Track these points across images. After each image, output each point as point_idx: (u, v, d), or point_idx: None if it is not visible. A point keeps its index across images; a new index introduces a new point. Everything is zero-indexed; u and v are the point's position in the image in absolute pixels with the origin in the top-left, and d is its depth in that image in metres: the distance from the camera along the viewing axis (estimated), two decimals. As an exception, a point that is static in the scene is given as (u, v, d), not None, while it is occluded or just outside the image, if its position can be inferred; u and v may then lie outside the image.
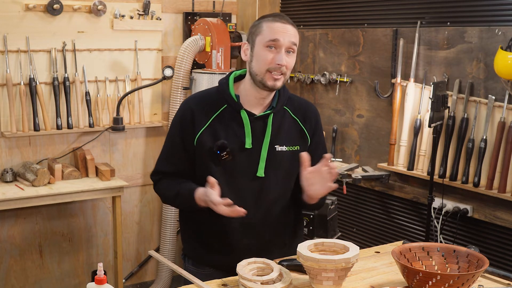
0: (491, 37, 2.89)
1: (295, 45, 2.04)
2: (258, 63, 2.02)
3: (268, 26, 2.02)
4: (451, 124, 3.05)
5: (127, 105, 3.85)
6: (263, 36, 2.02)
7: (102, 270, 1.65)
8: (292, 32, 2.03)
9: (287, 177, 2.13)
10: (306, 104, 2.24)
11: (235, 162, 2.06)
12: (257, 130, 2.09)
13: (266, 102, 2.11)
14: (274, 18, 2.04)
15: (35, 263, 3.79)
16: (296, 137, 2.15)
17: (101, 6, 3.67)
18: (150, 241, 4.20)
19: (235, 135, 2.07)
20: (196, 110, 2.09)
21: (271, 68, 2.00)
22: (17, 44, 3.48)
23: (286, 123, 2.14)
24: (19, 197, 3.27)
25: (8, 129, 3.49)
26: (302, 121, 2.17)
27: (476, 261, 1.79)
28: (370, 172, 3.50)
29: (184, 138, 2.09)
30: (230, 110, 2.08)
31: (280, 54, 2.00)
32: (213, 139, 2.05)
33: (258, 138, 2.08)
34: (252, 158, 2.08)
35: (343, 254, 1.76)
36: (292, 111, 2.17)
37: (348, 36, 3.68)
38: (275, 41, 2.00)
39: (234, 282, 1.86)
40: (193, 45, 3.83)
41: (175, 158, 2.13)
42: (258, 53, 2.03)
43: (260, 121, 2.09)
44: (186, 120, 2.09)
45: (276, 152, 2.10)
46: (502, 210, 2.90)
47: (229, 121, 2.08)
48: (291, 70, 2.07)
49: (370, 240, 3.67)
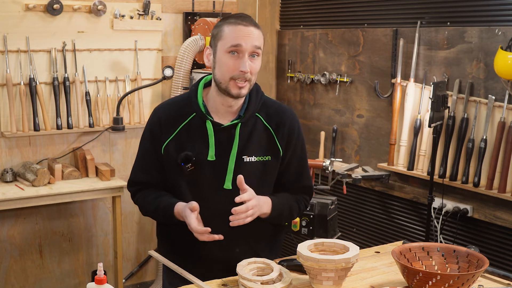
0: (491, 37, 2.89)
1: (260, 49, 1.93)
2: (221, 70, 1.92)
3: (230, 30, 1.90)
4: (451, 124, 3.05)
5: (127, 105, 3.85)
6: (224, 41, 1.91)
7: (102, 270, 1.64)
8: (255, 35, 1.91)
9: (258, 189, 1.98)
10: (282, 110, 2.09)
11: (201, 174, 1.99)
12: (224, 140, 2.00)
13: (234, 109, 2.02)
14: (236, 20, 1.92)
15: (35, 263, 3.79)
16: (267, 146, 2.03)
17: (101, 6, 3.67)
18: (150, 241, 4.20)
19: (201, 146, 1.99)
20: (163, 119, 2.03)
21: (235, 76, 1.90)
22: (17, 44, 3.48)
23: (257, 132, 2.02)
24: (19, 197, 3.27)
25: (8, 129, 3.49)
26: (275, 129, 2.05)
27: (476, 261, 1.79)
28: (370, 172, 3.50)
29: (154, 146, 2.04)
30: (198, 119, 2.01)
31: (243, 60, 1.89)
32: (178, 150, 2.00)
33: (225, 149, 1.99)
34: (219, 170, 2.00)
35: (343, 254, 1.76)
36: (264, 118, 2.05)
37: (348, 36, 3.68)
38: (237, 47, 1.89)
39: (234, 282, 1.86)
40: (193, 45, 3.83)
41: (148, 167, 2.08)
42: (220, 60, 1.92)
43: (226, 131, 2.00)
44: (154, 129, 2.04)
45: (244, 163, 2.00)
46: (502, 210, 2.90)
47: (196, 131, 2.00)
48: (256, 75, 1.96)
49: (370, 240, 3.67)
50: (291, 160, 2.09)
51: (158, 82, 3.85)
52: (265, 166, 2.03)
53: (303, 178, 2.15)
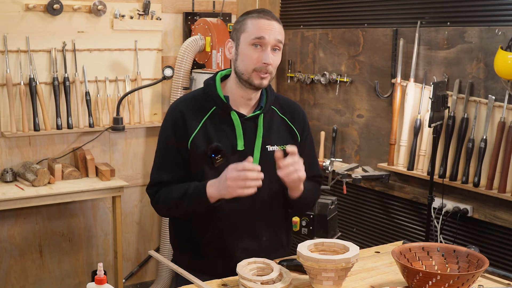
0: (491, 37, 2.89)
1: (281, 43, 1.99)
2: (244, 62, 1.98)
3: (253, 23, 1.97)
4: (451, 124, 3.05)
5: (127, 105, 3.85)
6: (248, 34, 1.97)
7: (102, 270, 1.65)
8: (277, 29, 1.98)
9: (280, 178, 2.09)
10: (293, 103, 2.22)
11: (228, 164, 1.99)
12: (248, 131, 2.05)
13: (253, 102, 2.08)
14: (259, 14, 1.98)
15: (35, 263, 3.79)
16: (286, 136, 2.13)
17: (101, 6, 3.67)
18: (150, 241, 4.20)
19: (227, 137, 2.03)
20: (186, 113, 2.04)
21: (258, 67, 1.96)
22: (17, 44, 3.48)
23: (275, 123, 2.12)
24: (19, 197, 3.27)
25: (8, 129, 3.49)
26: (291, 119, 2.15)
27: (476, 261, 1.79)
28: (370, 172, 3.50)
29: (178, 142, 2.04)
30: (220, 112, 2.04)
31: (266, 52, 1.95)
32: (206, 142, 2.02)
33: (250, 139, 2.05)
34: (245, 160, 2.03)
35: (343, 254, 1.76)
36: (279, 110, 2.14)
37: (348, 36, 3.68)
38: (261, 39, 1.95)
39: (234, 282, 1.86)
40: (193, 45, 3.83)
41: (171, 165, 2.07)
42: (243, 52, 1.98)
43: (250, 121, 2.06)
44: (178, 124, 2.04)
45: (268, 152, 2.07)
46: (502, 210, 2.90)
47: (220, 123, 2.04)
48: (276, 69, 2.03)
49: (370, 240, 3.67)
50: (304, 149, 2.17)
51: (158, 82, 3.85)
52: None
53: (313, 167, 2.23)
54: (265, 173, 2.02)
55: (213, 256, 2.09)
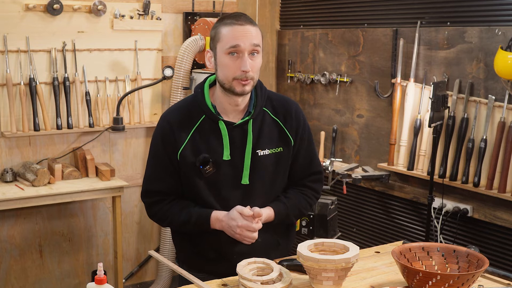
0: (491, 37, 2.89)
1: (259, 46, 1.95)
2: (223, 72, 1.95)
3: (227, 31, 1.92)
4: (451, 124, 3.05)
5: (127, 105, 3.85)
6: (223, 43, 1.93)
7: (102, 270, 1.65)
8: (253, 33, 1.93)
9: (273, 180, 2.09)
10: (287, 102, 2.14)
11: (219, 174, 2.02)
12: (237, 138, 2.03)
13: (241, 107, 2.05)
14: (231, 20, 1.93)
15: (35, 263, 3.79)
16: (278, 139, 2.09)
17: (101, 6, 3.67)
18: (150, 241, 4.20)
19: (216, 146, 2.02)
20: (175, 125, 2.03)
21: (237, 76, 1.93)
22: (17, 44, 3.48)
23: (266, 126, 2.08)
24: (19, 197, 3.27)
25: (8, 129, 3.49)
26: (283, 121, 2.10)
27: (476, 261, 1.79)
28: (370, 172, 3.50)
29: (168, 154, 2.04)
30: (209, 121, 2.03)
31: (243, 60, 1.91)
32: (194, 153, 2.01)
33: (240, 146, 2.03)
34: (235, 167, 2.03)
35: (343, 254, 1.76)
36: (271, 112, 2.10)
37: (348, 36, 3.68)
38: (236, 47, 1.91)
39: (234, 282, 1.86)
40: (193, 45, 3.83)
41: (163, 174, 2.07)
42: (221, 62, 1.95)
43: (239, 128, 2.04)
44: (167, 136, 2.03)
45: (258, 157, 2.05)
46: (502, 210, 2.90)
47: (209, 133, 2.03)
48: (258, 72, 2.00)
49: (370, 240, 3.67)
50: (301, 148, 2.15)
51: (158, 82, 3.85)
52: (278, 157, 2.08)
53: (313, 164, 2.20)
54: (256, 179, 2.05)
55: (211, 258, 2.10)
